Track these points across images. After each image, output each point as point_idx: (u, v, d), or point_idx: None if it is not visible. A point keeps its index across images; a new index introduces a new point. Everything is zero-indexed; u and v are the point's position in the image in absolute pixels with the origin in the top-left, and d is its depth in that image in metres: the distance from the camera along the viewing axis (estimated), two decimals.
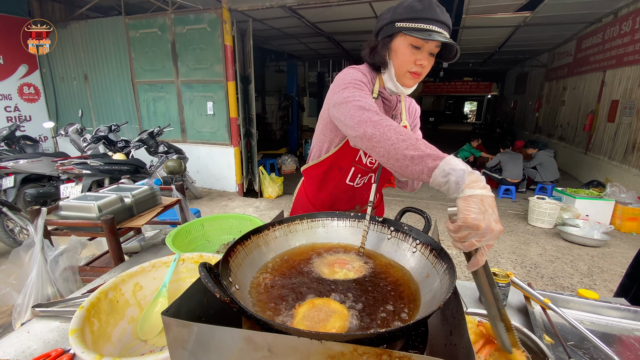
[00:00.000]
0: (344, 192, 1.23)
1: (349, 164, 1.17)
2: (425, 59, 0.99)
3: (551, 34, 7.63)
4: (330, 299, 0.68)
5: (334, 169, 1.20)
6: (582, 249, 3.75)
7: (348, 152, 1.15)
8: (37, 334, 0.91)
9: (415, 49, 0.98)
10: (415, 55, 0.99)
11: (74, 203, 1.44)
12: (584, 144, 7.01)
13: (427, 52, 0.99)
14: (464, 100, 28.44)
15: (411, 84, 1.05)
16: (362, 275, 0.76)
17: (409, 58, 0.99)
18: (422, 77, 1.04)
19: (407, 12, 0.95)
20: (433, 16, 0.92)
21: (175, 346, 0.55)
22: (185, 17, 5.35)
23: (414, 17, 0.94)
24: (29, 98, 6.40)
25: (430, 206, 5.41)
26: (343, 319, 0.63)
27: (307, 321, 0.61)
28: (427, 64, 1.01)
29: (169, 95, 5.92)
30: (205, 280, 0.54)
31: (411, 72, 1.02)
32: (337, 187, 1.23)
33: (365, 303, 0.67)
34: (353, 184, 1.22)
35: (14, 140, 4.89)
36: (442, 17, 0.93)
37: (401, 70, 1.02)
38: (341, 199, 1.25)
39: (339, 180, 1.21)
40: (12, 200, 3.72)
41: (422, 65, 1.00)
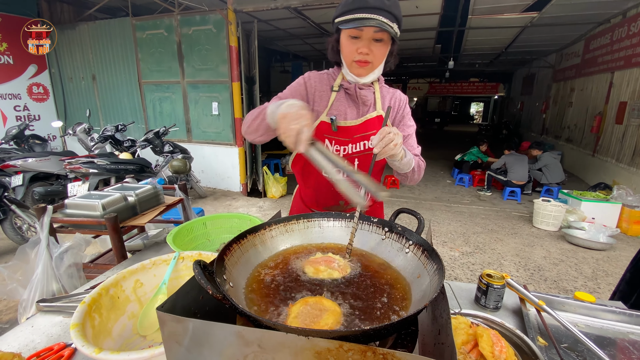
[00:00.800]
0: (325, 186, 1.23)
1: None
2: (366, 46, 1.02)
3: (559, 34, 7.56)
4: (323, 297, 0.69)
5: (309, 163, 1.21)
6: (587, 252, 3.71)
7: None
8: (41, 328, 0.94)
9: (354, 39, 1.03)
10: (356, 44, 1.03)
11: (79, 201, 1.48)
12: (591, 145, 6.92)
13: (368, 39, 1.02)
14: (471, 101, 28.26)
15: (363, 72, 1.09)
16: (355, 275, 0.77)
17: (350, 48, 1.05)
18: (374, 64, 1.07)
19: (342, 7, 1.01)
20: (362, 5, 0.96)
21: (170, 341, 0.57)
22: (191, 18, 5.41)
23: (346, 10, 0.99)
24: (38, 98, 6.52)
25: (434, 207, 5.40)
26: (336, 316, 0.64)
27: (300, 319, 0.62)
28: (374, 50, 1.04)
29: (174, 96, 5.98)
30: (199, 278, 0.56)
31: (356, 62, 1.06)
32: (317, 181, 1.24)
33: (357, 302, 0.68)
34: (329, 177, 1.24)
35: (23, 139, 4.99)
36: (373, 3, 0.96)
37: (348, 61, 1.09)
38: (324, 194, 1.26)
39: (317, 174, 1.22)
40: (20, 198, 3.79)
41: (363, 53, 1.03)
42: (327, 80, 1.19)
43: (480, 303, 1.05)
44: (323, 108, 1.17)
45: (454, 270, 3.27)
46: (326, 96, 1.18)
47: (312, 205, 1.35)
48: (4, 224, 3.32)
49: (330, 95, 1.17)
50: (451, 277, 3.12)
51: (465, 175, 6.90)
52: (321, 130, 1.17)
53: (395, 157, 0.92)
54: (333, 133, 1.15)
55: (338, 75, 1.18)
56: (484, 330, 0.77)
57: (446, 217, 4.91)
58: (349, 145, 1.16)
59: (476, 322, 0.89)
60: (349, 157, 1.18)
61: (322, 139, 1.17)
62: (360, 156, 1.18)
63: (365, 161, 1.18)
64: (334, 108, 1.16)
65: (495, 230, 4.41)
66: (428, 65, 13.53)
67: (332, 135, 1.16)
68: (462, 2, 5.88)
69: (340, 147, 1.17)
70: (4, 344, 0.86)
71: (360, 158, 1.18)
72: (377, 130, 1.14)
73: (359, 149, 1.17)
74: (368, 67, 1.07)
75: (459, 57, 11.21)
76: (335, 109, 1.16)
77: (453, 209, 5.34)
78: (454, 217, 4.92)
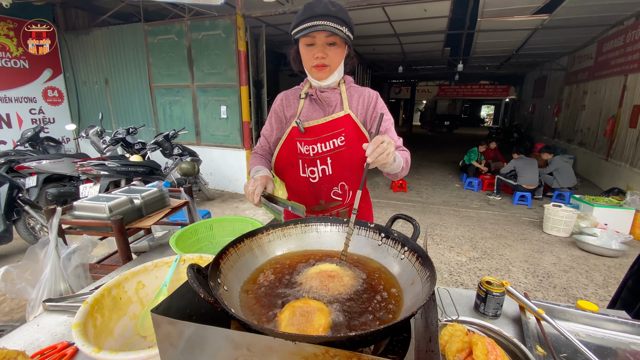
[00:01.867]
0: (304, 187, 1.29)
1: (296, 157, 1.27)
2: (321, 51, 1.10)
3: (570, 36, 7.43)
4: (307, 298, 0.70)
5: (287, 166, 1.30)
6: (599, 259, 3.62)
7: (290, 147, 1.26)
8: (46, 327, 0.97)
9: (310, 46, 1.12)
10: (311, 51, 1.12)
11: (87, 203, 1.52)
12: (604, 150, 6.77)
13: (321, 44, 1.10)
14: (481, 104, 27.94)
15: (322, 75, 1.16)
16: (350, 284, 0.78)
17: (307, 55, 1.14)
18: (332, 67, 1.14)
19: (295, 20, 1.09)
20: (310, 14, 1.04)
21: (163, 342, 0.58)
22: (201, 23, 5.50)
23: (298, 22, 1.07)
24: (53, 101, 6.70)
25: (442, 211, 5.34)
26: (326, 315, 0.65)
27: (294, 326, 0.63)
28: (330, 54, 1.11)
29: (184, 99, 6.08)
30: (191, 281, 0.57)
31: (315, 67, 1.14)
32: (297, 183, 1.31)
33: (349, 307, 0.69)
34: (306, 176, 1.27)
35: (38, 141, 5.13)
36: (320, 11, 1.04)
37: (308, 67, 1.18)
38: (304, 194, 1.31)
39: (295, 176, 1.29)
40: (34, 199, 3.90)
41: (319, 57, 1.11)
42: (295, 93, 1.30)
43: (480, 310, 1.04)
44: (293, 116, 1.26)
45: (460, 275, 3.24)
46: (295, 105, 1.28)
47: None
48: (18, 224, 3.42)
49: (299, 103, 1.27)
50: (457, 283, 3.09)
51: (475, 179, 6.82)
52: (293, 135, 1.24)
53: (386, 165, 0.93)
54: (301, 135, 1.22)
55: (305, 85, 1.28)
56: (479, 338, 0.76)
57: (454, 221, 4.86)
58: (318, 144, 1.21)
59: (472, 329, 0.88)
60: (321, 156, 1.22)
61: (294, 143, 1.24)
62: (332, 154, 1.22)
63: (338, 159, 1.22)
64: (302, 113, 1.25)
65: (504, 235, 4.35)
66: (437, 68, 13.45)
67: (301, 137, 1.22)
68: (471, 5, 5.85)
69: (309, 146, 1.22)
70: (10, 342, 0.89)
71: (333, 156, 1.22)
72: (345, 128, 1.20)
73: (329, 147, 1.21)
74: (326, 70, 1.14)
75: (468, 60, 11.11)
76: (303, 114, 1.25)
77: (461, 213, 5.28)
78: (461, 221, 4.86)
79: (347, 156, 1.22)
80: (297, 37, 1.08)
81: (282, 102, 1.30)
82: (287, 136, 1.26)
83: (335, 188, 1.27)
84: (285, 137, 1.26)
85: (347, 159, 1.22)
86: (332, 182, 1.26)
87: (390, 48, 9.08)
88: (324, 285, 0.76)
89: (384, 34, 7.47)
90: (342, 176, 1.25)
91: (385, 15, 6.01)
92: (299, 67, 1.22)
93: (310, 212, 1.32)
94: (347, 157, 1.22)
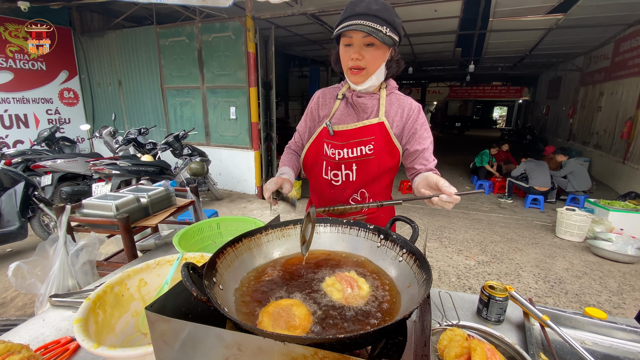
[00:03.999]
0: (325, 189, 1.28)
1: (321, 158, 1.25)
2: (357, 52, 1.06)
3: (586, 36, 7.24)
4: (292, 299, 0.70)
5: (314, 165, 1.30)
6: (614, 265, 3.51)
7: (318, 147, 1.25)
8: (51, 322, 0.99)
9: (347, 46, 1.08)
10: (348, 52, 1.08)
11: (95, 202, 1.55)
12: (621, 152, 6.57)
13: (358, 45, 1.06)
14: (494, 105, 27.48)
15: (358, 80, 1.12)
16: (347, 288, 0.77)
17: (344, 56, 1.11)
18: (368, 71, 1.09)
19: (338, 21, 1.07)
20: (351, 13, 1.02)
21: (157, 339, 0.59)
22: (211, 25, 5.57)
23: (339, 22, 1.05)
24: (69, 102, 6.88)
25: (451, 214, 5.27)
26: (301, 306, 0.65)
27: (276, 324, 0.63)
28: (367, 56, 1.07)
29: (194, 101, 6.17)
30: (185, 279, 0.58)
31: (350, 69, 1.10)
32: (319, 183, 1.30)
33: (344, 312, 0.68)
34: (328, 179, 1.25)
35: (54, 141, 5.28)
36: (360, 10, 1.01)
37: (345, 69, 1.14)
38: (324, 195, 1.29)
39: (318, 175, 1.29)
40: (49, 197, 4.01)
41: (354, 58, 1.07)
42: (333, 92, 1.27)
43: (482, 315, 1.02)
44: (327, 116, 1.24)
45: (468, 279, 3.18)
46: (330, 105, 1.26)
47: (318, 206, 1.36)
48: (33, 222, 3.52)
49: (335, 103, 1.24)
50: (465, 287, 3.04)
51: (485, 181, 6.71)
52: (322, 135, 1.22)
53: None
54: (330, 137, 1.20)
55: (345, 85, 1.24)
56: (478, 344, 0.75)
57: (463, 224, 4.78)
58: (345, 149, 1.19)
59: (473, 334, 0.86)
60: (346, 161, 1.20)
61: (322, 143, 1.23)
62: (358, 161, 1.19)
63: (364, 166, 1.19)
64: (335, 115, 1.22)
65: (515, 239, 4.26)
66: (448, 69, 13.28)
67: (329, 139, 1.20)
68: (482, 4, 5.76)
69: (335, 150, 1.20)
70: (16, 335, 0.92)
71: (358, 163, 1.19)
72: (376, 137, 1.16)
73: (356, 154, 1.18)
74: (362, 73, 1.09)
75: (480, 61, 10.95)
76: (336, 116, 1.22)
77: (471, 216, 5.20)
78: (471, 224, 4.78)
79: (374, 165, 1.19)
80: (335, 36, 1.08)
81: (319, 100, 1.29)
82: (317, 135, 1.25)
83: (355, 195, 1.25)
84: (315, 136, 1.26)
85: (374, 168, 1.19)
86: (353, 188, 1.23)
87: (400, 49, 8.92)
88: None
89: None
90: (365, 184, 1.22)
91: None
92: (340, 68, 1.19)
93: (328, 214, 1.29)
94: (373, 166, 1.19)
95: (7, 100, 5.84)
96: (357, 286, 0.74)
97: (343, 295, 0.72)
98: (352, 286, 0.74)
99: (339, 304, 0.70)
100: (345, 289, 0.73)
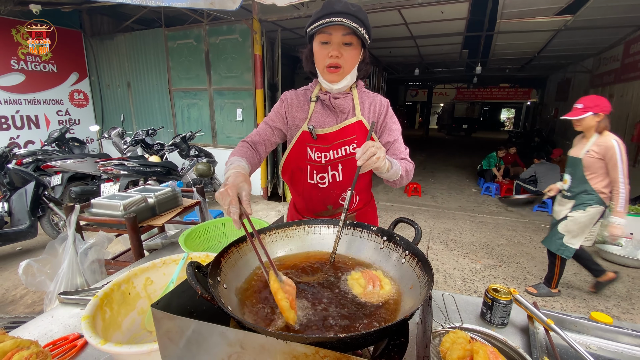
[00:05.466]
0: (312, 193, 1.27)
1: (305, 163, 1.24)
2: (336, 49, 1.05)
3: (596, 38, 7.15)
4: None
5: (296, 171, 1.27)
6: (623, 270, 3.45)
7: (299, 152, 1.23)
8: (60, 318, 1.01)
9: (325, 44, 1.07)
10: (326, 49, 1.06)
11: (103, 201, 1.58)
12: (632, 155, 6.45)
13: (337, 43, 1.05)
14: (501, 107, 27.22)
15: (335, 78, 1.11)
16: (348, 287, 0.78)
17: (321, 54, 1.08)
18: (346, 69, 1.09)
19: (312, 18, 1.05)
20: (329, 11, 1.01)
21: (162, 336, 0.60)
22: (218, 28, 5.63)
23: (315, 19, 1.04)
24: (79, 103, 7.00)
25: (457, 216, 5.24)
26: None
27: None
28: (344, 54, 1.07)
29: (202, 102, 6.23)
30: (189, 278, 0.59)
31: (327, 67, 1.09)
32: (304, 188, 1.27)
33: (344, 310, 0.69)
34: (314, 183, 1.24)
35: (64, 141, 5.38)
36: (339, 8, 1.00)
37: (320, 68, 1.12)
38: (312, 199, 1.28)
39: (303, 181, 1.26)
40: (59, 196, 4.08)
41: (334, 55, 1.06)
42: (305, 94, 1.26)
43: (486, 318, 1.01)
44: (303, 120, 1.23)
45: (474, 283, 3.16)
46: (305, 108, 1.24)
47: (304, 212, 1.37)
48: (43, 221, 3.58)
49: (309, 106, 1.23)
50: (470, 290, 3.01)
51: (492, 184, 6.65)
52: (304, 140, 1.22)
53: (380, 169, 0.93)
54: (313, 141, 1.20)
55: (315, 87, 1.24)
56: (480, 347, 0.74)
57: (469, 227, 4.75)
58: (330, 151, 1.20)
59: (476, 337, 0.86)
60: (333, 162, 1.21)
61: (304, 148, 1.22)
62: (343, 161, 1.20)
63: (349, 165, 1.20)
64: (313, 118, 1.22)
65: (522, 242, 4.21)
66: (455, 71, 13.20)
67: (312, 143, 1.20)
68: (490, 6, 5.73)
69: (322, 153, 1.20)
70: (25, 332, 0.94)
71: (344, 163, 1.20)
72: (358, 135, 1.18)
73: (341, 154, 1.20)
74: (339, 72, 1.10)
75: (487, 62, 10.87)
76: (314, 119, 1.22)
77: (477, 219, 5.16)
78: (477, 227, 4.74)
79: None
80: (312, 32, 1.05)
81: (292, 102, 1.26)
82: (297, 140, 1.22)
83: (343, 194, 1.26)
84: (295, 141, 1.23)
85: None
86: (341, 188, 1.24)
87: (407, 51, 8.99)
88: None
89: (400, 37, 7.41)
90: (351, 182, 1.24)
91: (402, 18, 5.97)
92: (311, 68, 1.19)
93: (318, 217, 1.30)
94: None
95: (18, 101, 5.96)
96: (379, 285, 0.75)
97: (364, 290, 0.74)
98: (374, 284, 0.75)
99: (352, 296, 0.72)
100: (367, 286, 0.75)
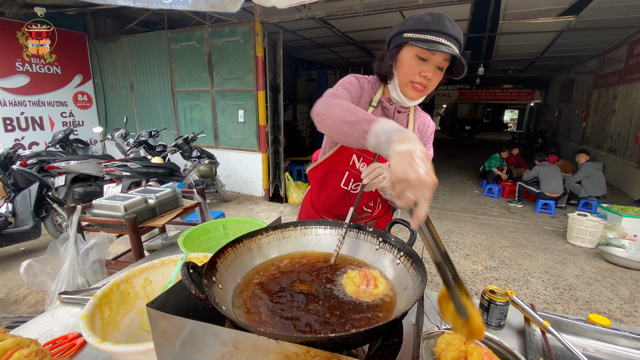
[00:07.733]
0: (340, 197, 1.25)
1: (344, 167, 1.20)
2: (431, 71, 0.99)
3: (599, 38, 7.12)
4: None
5: (331, 172, 1.23)
6: (626, 272, 3.42)
7: (343, 156, 1.18)
8: (60, 318, 1.03)
9: (421, 60, 0.98)
10: (421, 66, 0.99)
11: (104, 202, 1.60)
12: (636, 157, 6.42)
13: (434, 65, 0.98)
14: (504, 108, 27.12)
15: (414, 95, 1.05)
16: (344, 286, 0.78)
17: (414, 69, 0.99)
18: (427, 91, 1.05)
19: (416, 24, 0.96)
20: (441, 29, 0.92)
21: (157, 335, 0.61)
22: (220, 30, 5.67)
23: (422, 29, 0.94)
24: (82, 105, 7.07)
25: (459, 218, 5.22)
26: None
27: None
28: (434, 78, 1.00)
29: (204, 104, 6.27)
30: (184, 278, 0.60)
31: (414, 83, 1.02)
32: (334, 191, 1.25)
33: (341, 312, 0.69)
34: (347, 189, 1.23)
35: (68, 142, 5.42)
36: (452, 31, 0.93)
37: (404, 80, 1.03)
38: (338, 203, 1.27)
39: (335, 184, 1.23)
40: (62, 197, 4.11)
41: (426, 77, 0.99)
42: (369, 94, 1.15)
43: (482, 320, 1.01)
44: None
45: (475, 285, 3.14)
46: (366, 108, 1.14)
47: (323, 213, 1.35)
48: (46, 221, 3.61)
49: (368, 109, 1.13)
50: (471, 292, 3.00)
51: (495, 185, 6.62)
52: None
53: (384, 189, 0.92)
54: (362, 150, 1.13)
55: (379, 90, 1.15)
56: (475, 348, 0.75)
57: (471, 229, 4.73)
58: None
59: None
60: None
61: (350, 153, 1.16)
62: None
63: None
64: None
65: (524, 244, 4.19)
66: None
67: (359, 151, 1.15)
68: (492, 7, 5.72)
69: (367, 165, 1.17)
70: (25, 331, 0.95)
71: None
72: None
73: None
74: (422, 92, 1.04)
75: (490, 64, 10.84)
76: None
77: (480, 220, 5.14)
78: (479, 229, 4.72)
79: None
80: (415, 44, 0.93)
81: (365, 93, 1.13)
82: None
83: (370, 202, 1.26)
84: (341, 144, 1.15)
85: None
86: (370, 196, 1.23)
87: None
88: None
89: None
90: (380, 193, 1.21)
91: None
92: (386, 69, 1.07)
93: (338, 219, 1.23)
94: None
95: (23, 103, 6.03)
96: (373, 284, 0.75)
97: (357, 289, 0.74)
98: (368, 283, 0.75)
99: (345, 296, 0.72)
100: (361, 285, 0.75)
